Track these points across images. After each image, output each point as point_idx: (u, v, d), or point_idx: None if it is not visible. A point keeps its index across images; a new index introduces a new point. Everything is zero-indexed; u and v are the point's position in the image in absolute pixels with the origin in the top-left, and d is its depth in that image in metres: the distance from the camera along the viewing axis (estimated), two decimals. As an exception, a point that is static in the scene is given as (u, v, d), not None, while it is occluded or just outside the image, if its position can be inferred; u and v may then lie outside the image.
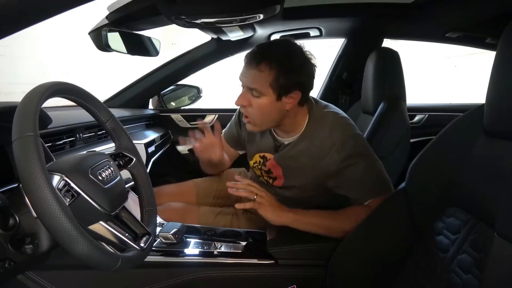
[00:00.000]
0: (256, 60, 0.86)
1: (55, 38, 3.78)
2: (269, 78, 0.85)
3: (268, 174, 1.06)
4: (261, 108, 0.89)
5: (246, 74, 0.89)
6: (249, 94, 0.89)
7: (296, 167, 0.97)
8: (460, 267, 0.61)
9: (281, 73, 0.85)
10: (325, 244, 0.88)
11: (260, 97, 0.88)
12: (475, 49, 1.75)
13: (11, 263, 0.54)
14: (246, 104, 0.90)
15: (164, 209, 1.14)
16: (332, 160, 0.90)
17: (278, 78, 0.85)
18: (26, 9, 0.54)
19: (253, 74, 0.87)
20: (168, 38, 4.00)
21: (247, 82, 0.89)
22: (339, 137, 0.90)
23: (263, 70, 0.85)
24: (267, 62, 0.85)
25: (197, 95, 1.87)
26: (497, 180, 0.57)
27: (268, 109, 0.89)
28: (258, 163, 1.08)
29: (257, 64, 0.86)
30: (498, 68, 0.57)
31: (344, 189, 0.93)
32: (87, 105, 0.64)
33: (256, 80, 0.87)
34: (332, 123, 0.94)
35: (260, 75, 0.86)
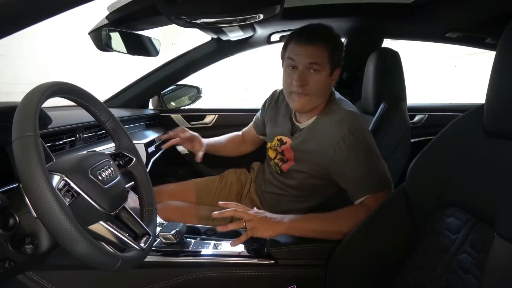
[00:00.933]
0: (314, 38, 0.94)
1: (55, 38, 3.78)
2: (326, 54, 0.95)
3: (281, 156, 1.11)
4: (320, 83, 0.96)
5: (304, 52, 0.95)
6: (307, 72, 0.95)
7: (306, 151, 1.02)
8: (460, 267, 0.61)
9: (334, 50, 0.95)
10: (325, 244, 0.87)
11: (320, 72, 0.95)
12: (475, 49, 1.75)
13: (11, 263, 0.54)
14: (305, 82, 0.96)
15: (164, 208, 1.14)
16: (337, 151, 0.93)
17: (332, 54, 0.95)
18: (26, 9, 0.54)
19: (313, 50, 0.94)
20: (168, 38, 4.00)
21: (308, 59, 0.95)
22: (347, 128, 0.93)
23: (322, 47, 0.94)
24: (324, 40, 0.94)
25: (197, 95, 1.87)
26: (497, 180, 0.57)
27: (324, 84, 0.97)
28: (275, 145, 1.13)
29: (316, 42, 0.94)
30: (498, 68, 0.57)
31: (344, 181, 0.95)
32: (87, 105, 0.65)
33: (318, 55, 0.94)
34: (343, 114, 0.98)
35: (321, 51, 0.94)
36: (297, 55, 0.95)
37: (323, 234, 0.88)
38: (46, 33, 3.61)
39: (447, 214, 0.67)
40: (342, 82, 1.76)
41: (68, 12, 0.58)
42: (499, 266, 0.48)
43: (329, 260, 0.83)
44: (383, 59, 1.36)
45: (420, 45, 4.08)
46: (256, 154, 1.39)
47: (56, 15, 0.57)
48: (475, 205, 0.62)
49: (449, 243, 0.64)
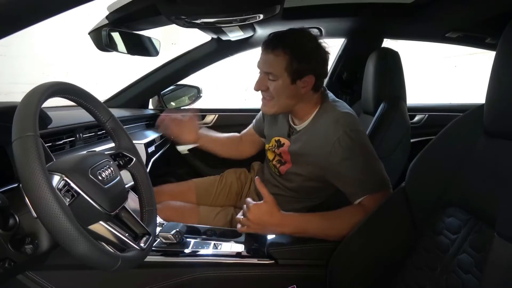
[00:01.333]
0: (271, 46, 0.94)
1: (55, 38, 3.78)
2: (283, 63, 0.93)
3: (279, 157, 1.11)
4: (277, 91, 0.96)
5: (263, 59, 0.98)
6: (266, 78, 0.97)
7: (302, 154, 1.02)
8: (460, 267, 0.61)
9: (294, 58, 0.93)
10: (325, 244, 0.88)
11: (276, 80, 0.95)
12: (475, 49, 1.75)
13: (11, 263, 0.54)
14: (263, 88, 0.99)
15: (164, 208, 1.14)
16: (333, 152, 0.92)
17: (292, 63, 0.93)
18: (26, 9, 0.54)
19: (269, 59, 0.95)
20: (168, 38, 4.00)
21: (263, 67, 0.97)
22: (341, 129, 0.93)
23: (278, 55, 0.93)
24: (282, 47, 0.93)
25: (197, 95, 1.87)
26: (497, 180, 0.57)
27: (283, 91, 0.96)
28: (272, 146, 1.14)
29: (273, 49, 0.94)
30: (498, 68, 0.57)
31: (341, 182, 0.95)
32: (87, 105, 0.65)
33: (272, 64, 0.95)
34: (337, 116, 0.97)
35: (276, 60, 0.94)
36: (259, 61, 0.99)
37: (321, 234, 0.88)
38: (46, 33, 3.61)
39: (447, 214, 0.67)
40: (342, 82, 1.77)
41: (68, 12, 0.58)
42: (499, 266, 0.48)
43: (329, 260, 0.83)
44: (383, 59, 1.36)
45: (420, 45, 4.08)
46: (256, 154, 1.39)
47: (56, 15, 0.57)
48: (475, 205, 0.62)
49: (449, 243, 0.64)
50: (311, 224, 0.88)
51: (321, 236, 0.88)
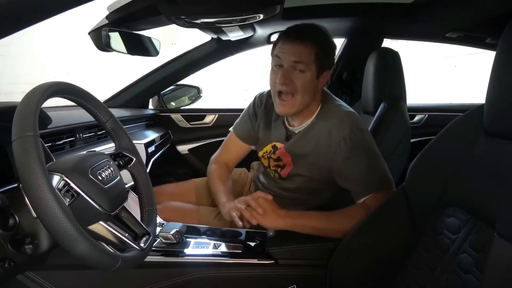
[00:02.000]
0: (301, 36, 0.91)
1: (55, 38, 3.78)
2: (313, 54, 0.91)
3: (277, 162, 1.07)
4: (304, 84, 0.92)
5: (290, 50, 0.92)
6: (292, 71, 0.92)
7: (304, 154, 1.00)
8: (460, 267, 0.61)
9: (322, 51, 0.92)
10: (325, 244, 0.88)
11: (304, 72, 0.92)
12: (475, 49, 1.75)
13: (11, 263, 0.54)
14: (288, 81, 0.92)
15: (164, 208, 1.14)
16: (338, 151, 0.92)
17: (320, 55, 0.92)
18: (26, 9, 0.54)
19: (300, 48, 0.91)
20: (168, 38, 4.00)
21: (292, 57, 0.92)
22: (347, 128, 0.92)
23: (308, 46, 0.91)
24: (311, 39, 0.91)
25: (197, 95, 1.87)
26: (497, 180, 0.57)
27: (309, 85, 0.93)
28: (267, 152, 1.10)
29: (302, 40, 0.91)
30: (498, 68, 0.57)
31: (346, 181, 0.95)
32: (87, 105, 0.64)
33: (303, 54, 0.91)
34: (341, 115, 0.97)
35: (306, 50, 0.91)
36: (283, 53, 0.93)
37: (324, 232, 0.88)
38: (46, 33, 3.61)
39: (447, 214, 0.67)
40: (342, 82, 1.77)
41: (68, 12, 0.58)
42: (499, 266, 0.48)
43: (329, 260, 0.83)
44: (383, 59, 1.36)
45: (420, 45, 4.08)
46: (256, 153, 1.39)
47: (56, 15, 0.57)
48: (475, 205, 0.62)
49: (449, 243, 0.64)
50: (312, 218, 0.88)
51: (322, 232, 0.88)
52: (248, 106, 1.18)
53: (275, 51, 0.95)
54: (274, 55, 0.96)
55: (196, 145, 1.77)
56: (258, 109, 1.14)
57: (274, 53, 0.96)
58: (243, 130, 1.18)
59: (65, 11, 0.57)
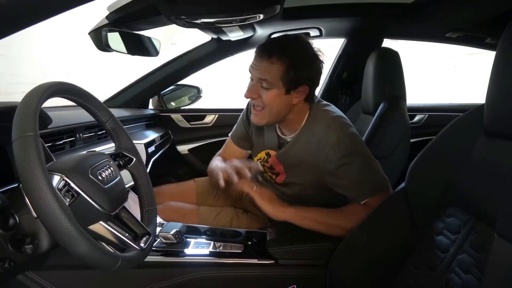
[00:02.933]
0: (268, 52, 0.89)
1: (55, 38, 3.78)
2: (280, 71, 0.88)
3: (271, 170, 1.07)
4: (270, 100, 0.91)
5: (257, 66, 0.91)
6: (259, 86, 0.91)
7: (296, 163, 0.98)
8: (460, 267, 0.61)
9: (291, 67, 0.87)
10: (325, 244, 0.88)
11: (270, 89, 0.90)
12: (475, 49, 1.75)
13: (11, 263, 0.54)
14: (255, 96, 0.92)
15: (164, 208, 1.14)
16: (328, 158, 0.91)
17: (288, 72, 0.88)
18: (26, 9, 0.54)
19: (265, 66, 0.89)
20: (168, 38, 4.00)
21: (258, 74, 0.90)
22: (334, 135, 0.91)
23: (275, 63, 0.88)
24: (279, 55, 0.88)
25: (197, 95, 1.87)
26: (497, 180, 0.57)
27: (276, 101, 0.91)
28: (262, 159, 1.09)
29: (269, 56, 0.88)
30: (498, 68, 0.57)
31: (341, 188, 0.94)
32: (87, 105, 0.64)
33: (267, 71, 0.89)
34: (328, 121, 0.95)
35: (272, 67, 0.88)
36: (252, 67, 0.92)
37: (324, 227, 0.88)
38: (46, 33, 3.61)
39: (447, 214, 0.67)
40: (342, 82, 1.77)
41: (68, 12, 0.58)
42: (499, 266, 0.48)
43: (329, 260, 0.83)
44: (383, 59, 1.36)
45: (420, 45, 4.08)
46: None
47: (56, 15, 0.57)
48: (475, 205, 0.62)
49: (449, 243, 0.64)
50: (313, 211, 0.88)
51: (322, 227, 0.87)
52: (242, 112, 1.18)
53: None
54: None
55: (196, 145, 1.77)
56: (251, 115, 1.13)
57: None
58: (238, 136, 1.19)
59: (65, 11, 0.57)
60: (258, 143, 1.11)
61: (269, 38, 0.94)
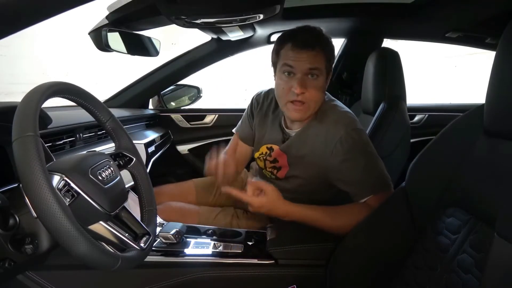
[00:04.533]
0: (312, 44, 0.92)
1: (55, 38, 3.79)
2: (324, 58, 0.93)
3: (273, 164, 1.07)
4: (318, 89, 0.94)
5: (303, 57, 0.91)
6: (306, 78, 0.92)
7: (301, 156, 0.99)
8: (460, 267, 0.61)
9: (329, 54, 0.95)
10: (325, 244, 0.88)
11: (319, 77, 0.93)
12: (475, 49, 1.75)
13: (11, 263, 0.54)
14: (305, 90, 0.92)
15: (164, 208, 1.14)
16: (335, 152, 0.91)
17: (329, 59, 0.95)
18: (26, 9, 0.54)
19: (313, 55, 0.92)
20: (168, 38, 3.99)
21: (307, 65, 0.91)
22: (342, 130, 0.92)
23: (319, 52, 0.92)
24: (320, 45, 0.93)
25: (197, 95, 1.87)
26: (497, 180, 0.57)
27: (322, 89, 0.96)
28: (263, 154, 1.09)
29: (314, 47, 0.92)
30: (498, 68, 0.57)
31: (344, 183, 0.94)
32: (87, 105, 0.65)
33: (317, 60, 0.92)
34: (337, 116, 0.96)
35: (319, 56, 0.92)
36: (296, 61, 0.91)
37: (324, 225, 0.88)
38: (46, 33, 3.61)
39: (447, 214, 0.67)
40: (342, 82, 1.77)
41: (68, 12, 0.58)
42: (499, 266, 0.48)
43: (329, 260, 0.83)
44: (383, 59, 1.36)
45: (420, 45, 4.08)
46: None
47: (56, 15, 0.57)
48: (475, 205, 0.62)
49: (449, 243, 0.64)
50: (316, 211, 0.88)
51: (322, 226, 0.88)
52: (247, 106, 1.19)
53: (283, 58, 0.93)
54: (282, 64, 0.93)
55: (196, 145, 1.78)
56: (255, 110, 1.15)
57: (281, 61, 0.94)
58: (243, 132, 1.20)
59: (65, 11, 0.57)
60: (261, 138, 1.11)
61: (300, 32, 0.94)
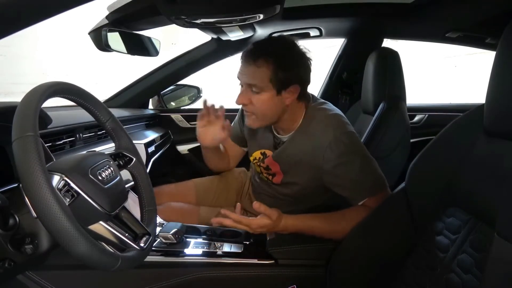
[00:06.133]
0: (253, 56, 0.88)
1: (55, 38, 3.79)
2: (268, 73, 0.87)
3: (267, 171, 1.06)
4: (262, 104, 0.90)
5: (244, 71, 0.90)
6: (249, 91, 0.90)
7: (293, 163, 0.98)
8: (460, 267, 0.61)
9: (279, 67, 0.87)
10: (325, 244, 0.88)
11: (260, 93, 0.89)
12: (475, 49, 1.75)
13: (11, 263, 0.54)
14: (246, 102, 0.91)
15: (164, 208, 1.14)
16: (326, 157, 0.90)
17: (276, 73, 0.87)
18: (26, 9, 0.54)
19: (252, 70, 0.88)
20: (168, 38, 4.00)
21: (246, 79, 0.90)
22: (332, 133, 0.90)
23: (261, 66, 0.87)
24: (265, 57, 0.87)
25: (197, 95, 1.87)
26: (497, 180, 0.57)
27: (269, 104, 0.90)
28: (258, 159, 1.08)
29: (255, 60, 0.87)
30: (498, 68, 0.57)
31: (339, 188, 0.93)
32: (87, 105, 0.64)
33: (255, 76, 0.88)
34: (325, 119, 0.94)
35: (259, 71, 0.87)
36: (240, 74, 0.91)
37: (325, 234, 0.87)
38: (46, 33, 3.62)
39: (447, 214, 0.67)
40: (342, 82, 1.77)
41: (68, 12, 0.58)
42: (499, 266, 0.48)
43: (329, 260, 0.83)
44: (383, 59, 1.36)
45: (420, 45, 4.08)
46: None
47: (56, 15, 0.57)
48: (475, 205, 0.62)
49: (449, 243, 0.64)
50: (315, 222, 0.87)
51: (324, 236, 0.87)
52: (239, 112, 1.19)
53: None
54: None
55: (196, 145, 1.77)
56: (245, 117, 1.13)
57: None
58: (234, 133, 1.19)
59: (65, 11, 0.57)
60: (253, 144, 1.11)
61: (253, 43, 0.92)
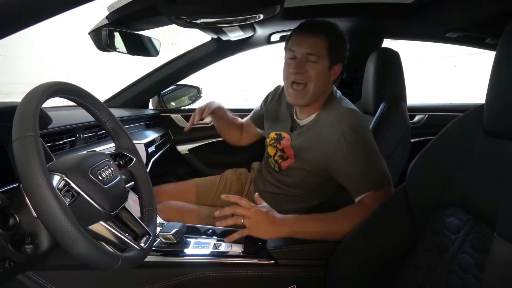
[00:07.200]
0: (314, 29, 0.96)
1: (55, 38, 3.78)
2: (326, 44, 0.95)
3: (281, 153, 1.10)
4: (317, 74, 0.96)
5: (303, 41, 0.96)
6: (305, 61, 0.95)
7: (305, 148, 1.01)
8: (460, 267, 0.61)
9: (335, 43, 0.96)
10: (325, 244, 0.87)
11: (317, 62, 0.95)
12: (475, 49, 1.75)
13: (11, 263, 0.54)
14: (302, 70, 0.96)
15: (164, 208, 1.14)
16: (338, 147, 0.93)
17: (333, 46, 0.96)
18: (26, 9, 0.54)
19: (313, 40, 0.95)
20: (168, 38, 4.00)
21: (306, 49, 0.95)
22: (345, 126, 0.93)
23: (321, 38, 0.95)
24: (324, 32, 0.96)
25: (197, 95, 1.87)
26: (497, 180, 0.57)
27: (321, 76, 0.97)
28: (274, 139, 1.13)
29: (317, 33, 0.95)
30: (498, 68, 0.57)
31: (344, 177, 0.95)
32: (87, 105, 0.65)
33: (316, 45, 0.95)
34: (343, 112, 0.98)
35: (319, 41, 0.95)
36: (296, 45, 0.97)
37: (325, 236, 0.87)
38: (46, 33, 3.61)
39: (447, 214, 0.67)
40: (342, 82, 1.76)
41: (68, 12, 0.58)
42: (499, 266, 0.48)
43: (329, 260, 0.83)
44: (383, 59, 1.36)
45: (420, 45, 4.09)
46: (256, 154, 1.39)
47: (56, 15, 0.57)
48: (475, 205, 0.62)
49: (449, 243, 0.64)
50: (314, 224, 0.87)
51: (322, 237, 0.87)
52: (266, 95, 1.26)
53: (289, 44, 0.99)
54: (287, 49, 1.00)
55: (196, 145, 1.77)
56: (272, 98, 1.21)
57: (287, 46, 1.00)
58: (255, 113, 1.29)
59: (65, 11, 0.57)
60: (272, 125, 1.16)
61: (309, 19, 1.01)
